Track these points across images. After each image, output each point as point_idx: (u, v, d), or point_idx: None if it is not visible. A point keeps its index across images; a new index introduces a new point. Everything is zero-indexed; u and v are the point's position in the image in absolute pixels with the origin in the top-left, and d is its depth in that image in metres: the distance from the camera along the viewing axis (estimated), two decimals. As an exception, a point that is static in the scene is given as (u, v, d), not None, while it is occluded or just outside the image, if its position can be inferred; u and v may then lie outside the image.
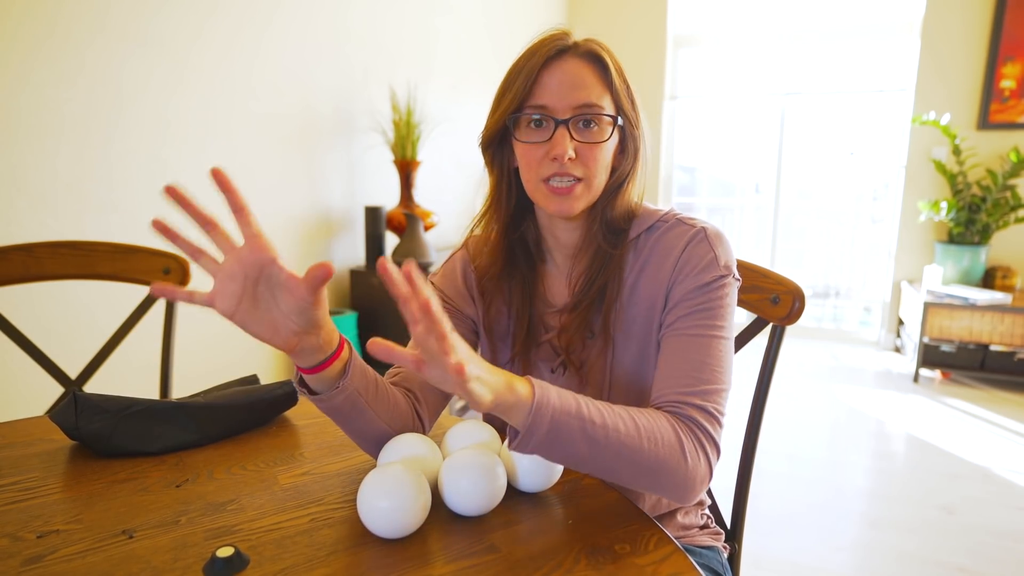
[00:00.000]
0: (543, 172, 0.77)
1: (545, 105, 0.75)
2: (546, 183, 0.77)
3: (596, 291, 0.81)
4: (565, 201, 0.77)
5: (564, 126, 0.75)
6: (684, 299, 0.76)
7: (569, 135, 0.75)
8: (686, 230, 0.79)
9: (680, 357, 0.73)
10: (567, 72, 0.76)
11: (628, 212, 0.82)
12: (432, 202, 2.87)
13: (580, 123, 0.76)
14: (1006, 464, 2.47)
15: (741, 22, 4.25)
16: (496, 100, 0.80)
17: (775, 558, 1.85)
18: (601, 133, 0.76)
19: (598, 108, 0.76)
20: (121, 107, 1.68)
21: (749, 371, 0.82)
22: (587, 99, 0.75)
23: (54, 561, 0.58)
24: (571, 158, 0.75)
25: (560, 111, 0.75)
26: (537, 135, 0.77)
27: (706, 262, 0.76)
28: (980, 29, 3.60)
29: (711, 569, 0.87)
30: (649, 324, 0.80)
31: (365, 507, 0.61)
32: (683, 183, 4.70)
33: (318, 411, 0.95)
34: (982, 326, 3.27)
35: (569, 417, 0.61)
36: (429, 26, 3.03)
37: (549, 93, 0.75)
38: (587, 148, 0.76)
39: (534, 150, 0.77)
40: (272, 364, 2.26)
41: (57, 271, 1.21)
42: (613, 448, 0.63)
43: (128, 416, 0.80)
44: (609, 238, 0.82)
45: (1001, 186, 3.46)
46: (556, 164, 0.75)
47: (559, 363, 0.85)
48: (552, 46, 0.76)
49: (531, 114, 0.76)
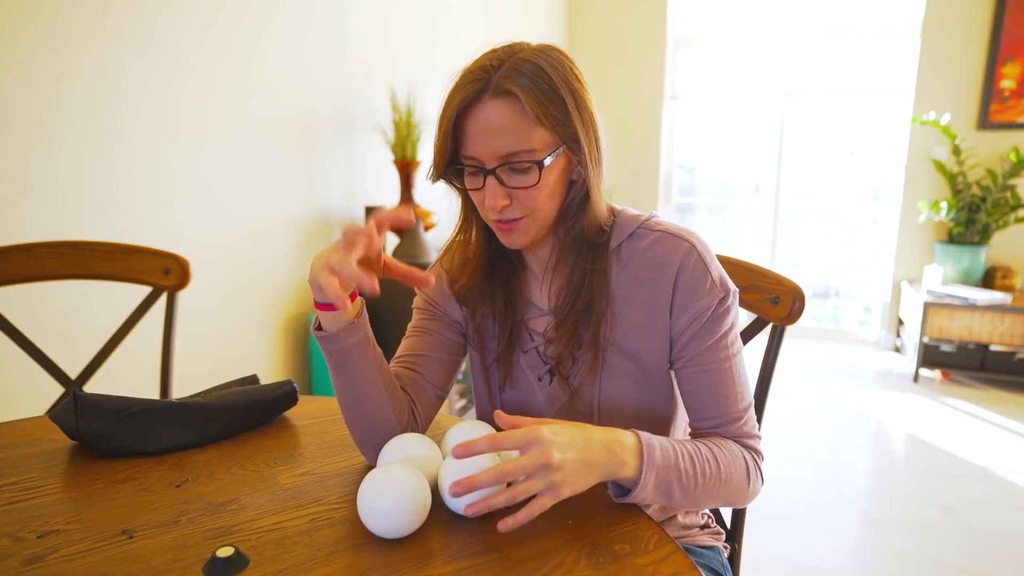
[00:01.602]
0: (488, 215, 0.77)
1: (473, 156, 0.73)
2: (495, 222, 0.77)
3: (583, 305, 0.80)
4: (511, 236, 0.77)
5: (492, 176, 0.73)
6: (697, 335, 0.78)
7: (499, 182, 0.73)
8: (676, 244, 0.78)
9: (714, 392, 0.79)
10: (487, 120, 0.71)
11: (600, 223, 0.80)
12: (432, 202, 2.87)
13: (509, 170, 0.73)
14: (1006, 464, 2.47)
15: (741, 22, 4.25)
16: (433, 146, 0.77)
17: (775, 558, 1.85)
18: (532, 178, 0.73)
19: (524, 154, 0.71)
20: (121, 107, 1.68)
21: (749, 371, 0.83)
22: (509, 147, 0.71)
23: (54, 561, 0.58)
24: (505, 205, 0.74)
25: (487, 160, 0.72)
26: (474, 182, 0.76)
27: (707, 287, 0.77)
28: (980, 29, 3.60)
29: (711, 569, 0.87)
30: (647, 341, 0.80)
31: (365, 507, 0.61)
32: (683, 183, 4.69)
33: (318, 411, 0.95)
34: (982, 326, 3.27)
35: (668, 470, 0.68)
36: (429, 26, 3.03)
37: (473, 143, 0.72)
38: (522, 191, 0.74)
39: (476, 195, 0.77)
40: (272, 364, 2.26)
41: (57, 271, 1.21)
42: (700, 490, 0.71)
43: (128, 416, 0.80)
44: (586, 253, 0.80)
45: (1001, 186, 3.46)
46: (494, 212, 0.75)
47: (546, 371, 0.85)
48: (467, 93, 0.71)
49: (465, 163, 0.75)
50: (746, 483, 0.76)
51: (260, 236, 2.17)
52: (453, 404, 2.69)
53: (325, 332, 0.72)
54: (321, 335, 0.72)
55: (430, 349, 0.87)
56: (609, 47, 4.43)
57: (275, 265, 2.24)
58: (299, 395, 0.94)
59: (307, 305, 2.40)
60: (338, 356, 0.72)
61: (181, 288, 1.23)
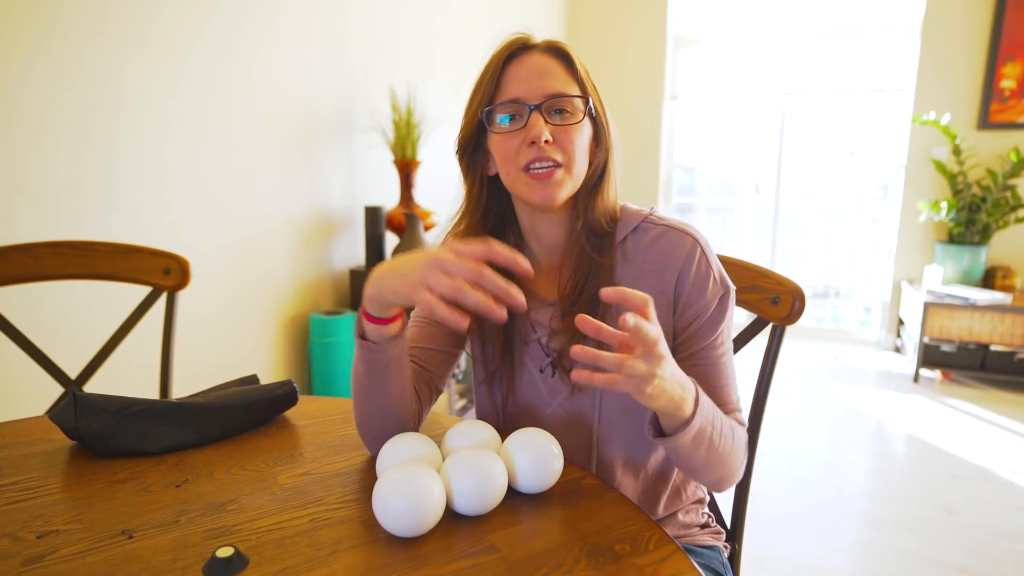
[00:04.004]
0: (521, 160, 0.76)
1: (516, 97, 0.76)
2: (526, 171, 0.76)
3: (589, 296, 0.80)
4: (547, 187, 0.76)
5: (537, 111, 0.76)
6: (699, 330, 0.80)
7: (543, 120, 0.76)
8: (680, 239, 0.80)
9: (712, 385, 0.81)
10: (533, 65, 0.77)
11: (610, 213, 0.83)
12: (432, 202, 2.87)
13: (553, 110, 0.76)
14: (1006, 464, 2.47)
15: (741, 22, 4.25)
16: (468, 103, 0.81)
17: (775, 558, 1.85)
18: (574, 116, 0.77)
19: (568, 94, 0.77)
20: (121, 107, 1.68)
21: (749, 371, 0.83)
22: (556, 87, 0.76)
23: (54, 561, 0.58)
24: (548, 141, 0.75)
25: (531, 99, 0.76)
26: (511, 126, 0.77)
27: (711, 283, 0.79)
28: (980, 29, 3.60)
29: (712, 569, 0.87)
30: None
31: (381, 506, 0.60)
32: (683, 183, 4.69)
33: (318, 411, 0.95)
34: (982, 326, 3.27)
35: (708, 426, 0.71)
36: (429, 26, 3.03)
37: (518, 84, 0.76)
38: (563, 131, 0.76)
39: (510, 140, 0.77)
40: (272, 364, 2.26)
41: (57, 271, 1.20)
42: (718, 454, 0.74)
43: (128, 416, 0.80)
44: (593, 241, 0.81)
45: (1001, 186, 3.46)
46: (534, 149, 0.75)
47: (548, 363, 0.85)
48: (516, 44, 0.78)
49: (504, 107, 0.77)
50: (741, 462, 0.80)
51: (260, 236, 2.17)
52: (453, 404, 2.69)
53: (370, 343, 0.72)
54: (366, 345, 0.72)
55: (433, 341, 0.87)
56: (609, 47, 4.43)
57: (275, 265, 2.24)
58: (299, 395, 0.94)
59: (307, 305, 2.40)
60: (378, 365, 0.73)
61: (181, 288, 1.23)
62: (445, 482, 0.65)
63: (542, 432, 0.71)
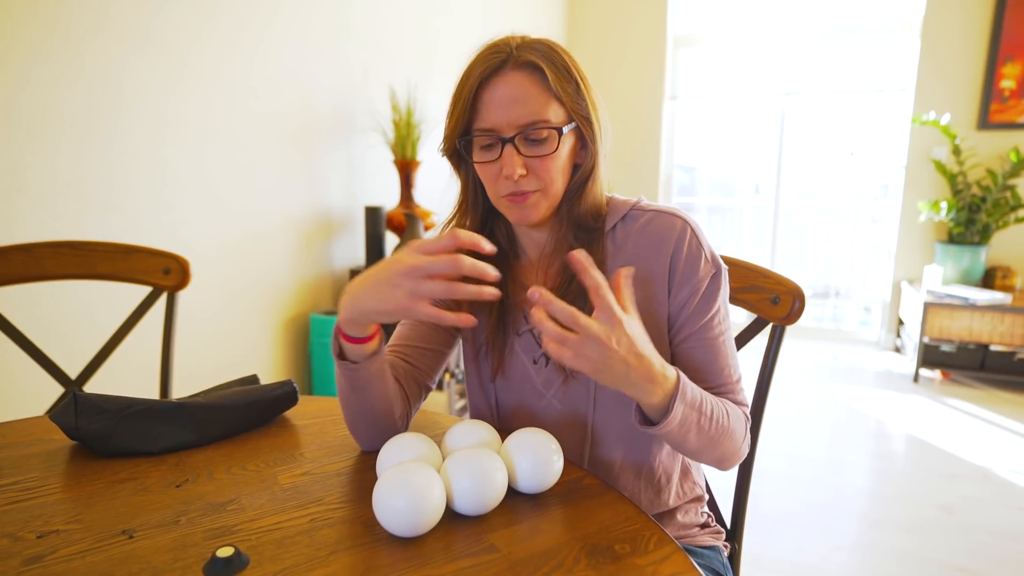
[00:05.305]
0: (500, 190, 0.78)
1: (490, 128, 0.75)
2: (505, 196, 0.78)
3: (578, 287, 0.80)
4: (523, 209, 0.78)
5: (511, 144, 0.75)
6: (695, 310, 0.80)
7: (517, 152, 0.75)
8: (671, 221, 0.80)
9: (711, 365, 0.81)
10: (507, 89, 0.74)
11: (597, 207, 0.83)
12: (432, 202, 2.87)
13: (526, 140, 0.75)
14: (1006, 464, 2.47)
15: (741, 22, 4.25)
16: (447, 118, 0.80)
17: (775, 558, 1.85)
18: (549, 146, 0.76)
19: (542, 123, 0.74)
20: (121, 107, 1.68)
21: (749, 371, 0.83)
22: (529, 117, 0.74)
23: (54, 561, 0.58)
24: (522, 175, 0.75)
25: (505, 129, 0.75)
26: (488, 155, 0.77)
27: (703, 262, 0.80)
28: (980, 29, 3.60)
29: (712, 569, 0.87)
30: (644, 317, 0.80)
31: (381, 506, 0.60)
32: (683, 183, 4.69)
33: (318, 411, 0.95)
34: (982, 326, 3.27)
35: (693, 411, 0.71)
36: (429, 26, 3.03)
37: (491, 113, 0.75)
38: (538, 162, 0.76)
39: (488, 168, 0.78)
40: (272, 364, 2.26)
41: (57, 271, 1.20)
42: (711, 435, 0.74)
43: (128, 416, 0.80)
44: (581, 236, 0.82)
45: (1001, 186, 3.46)
46: (510, 182, 0.76)
47: (541, 354, 0.85)
48: (488, 64, 0.75)
49: (479, 136, 0.76)
50: (742, 441, 0.80)
51: (260, 236, 2.17)
52: (453, 404, 2.69)
53: (350, 362, 0.73)
54: (346, 365, 0.73)
55: (423, 340, 0.88)
56: (609, 47, 4.43)
57: (275, 265, 2.24)
58: (299, 395, 0.94)
59: (307, 305, 2.41)
60: (358, 381, 0.74)
61: (181, 288, 1.23)
62: (445, 482, 0.65)
63: (542, 432, 0.72)
